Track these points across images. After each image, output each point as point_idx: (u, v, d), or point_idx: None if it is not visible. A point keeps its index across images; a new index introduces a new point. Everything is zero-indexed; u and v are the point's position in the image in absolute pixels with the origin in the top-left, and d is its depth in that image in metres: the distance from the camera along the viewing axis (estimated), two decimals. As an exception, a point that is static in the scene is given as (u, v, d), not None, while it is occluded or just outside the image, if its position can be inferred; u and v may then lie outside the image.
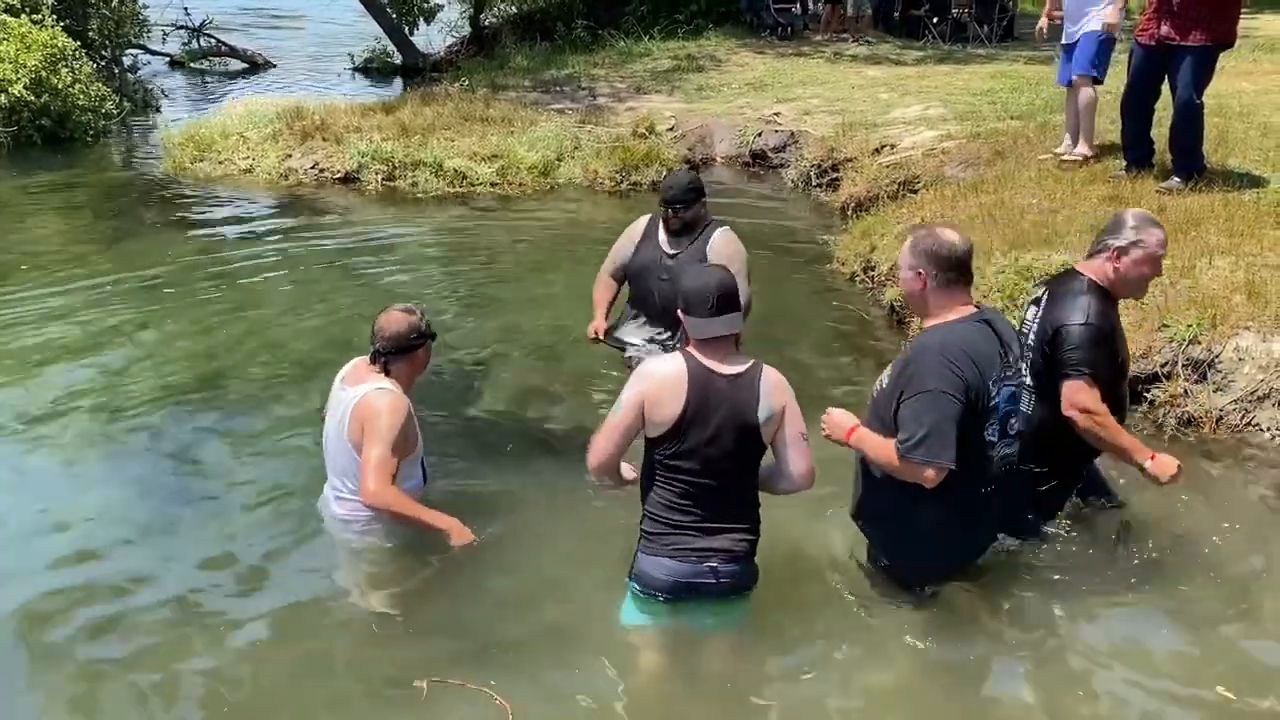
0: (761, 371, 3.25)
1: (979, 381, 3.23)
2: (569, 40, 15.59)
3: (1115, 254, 3.73)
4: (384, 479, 3.62)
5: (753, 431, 3.21)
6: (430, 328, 3.90)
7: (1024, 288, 5.69)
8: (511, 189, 9.72)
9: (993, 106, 10.23)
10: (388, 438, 3.64)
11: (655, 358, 3.35)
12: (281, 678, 3.46)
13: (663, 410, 3.18)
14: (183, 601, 3.77)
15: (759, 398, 3.19)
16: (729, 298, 3.24)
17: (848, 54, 14.32)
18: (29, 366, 5.77)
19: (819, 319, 6.56)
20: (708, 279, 3.28)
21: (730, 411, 3.18)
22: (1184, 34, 6.54)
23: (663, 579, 3.32)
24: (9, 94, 11.41)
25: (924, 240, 3.38)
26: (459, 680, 3.28)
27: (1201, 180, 6.77)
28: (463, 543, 3.73)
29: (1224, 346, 4.97)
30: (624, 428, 3.25)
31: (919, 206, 7.45)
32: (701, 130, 11.06)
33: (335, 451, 3.85)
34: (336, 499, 3.90)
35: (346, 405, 3.75)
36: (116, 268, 7.48)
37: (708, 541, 3.28)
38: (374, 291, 6.98)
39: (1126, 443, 3.71)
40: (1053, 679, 3.44)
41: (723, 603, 3.41)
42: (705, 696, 3.38)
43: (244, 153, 10.49)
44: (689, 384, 3.17)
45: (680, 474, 3.24)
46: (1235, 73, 10.03)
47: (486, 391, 5.48)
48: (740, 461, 3.26)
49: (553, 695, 3.33)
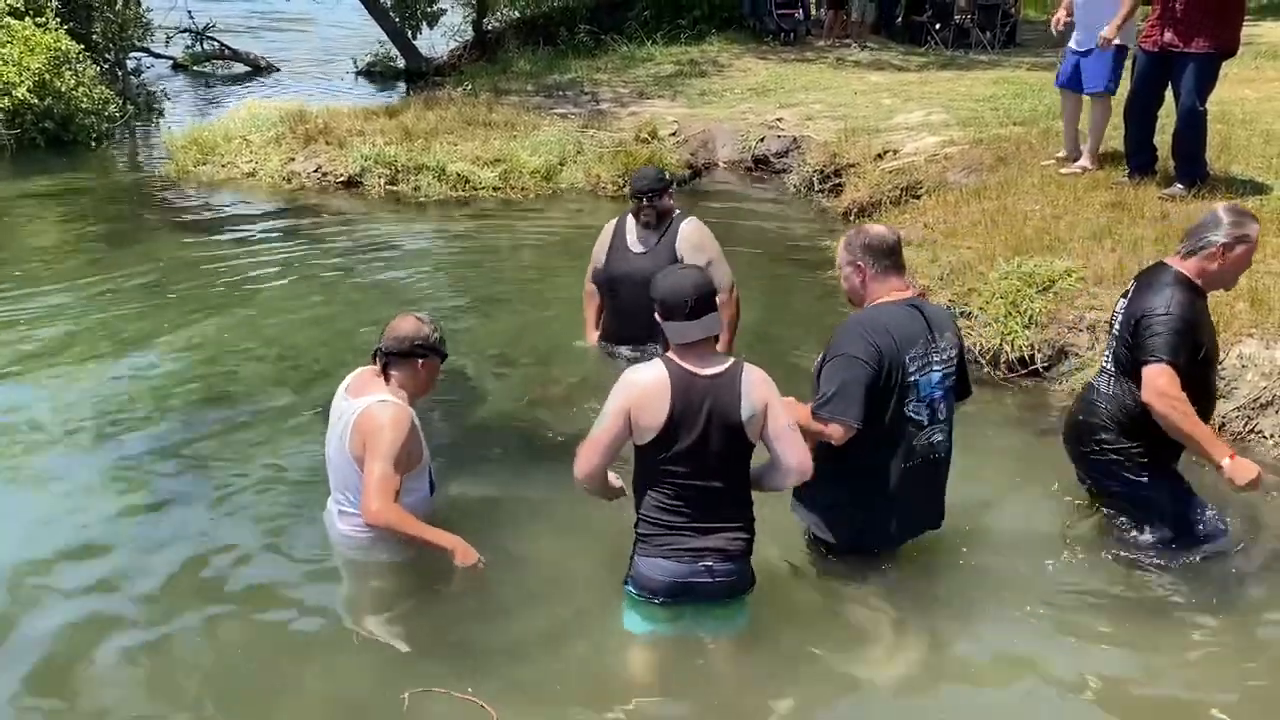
0: (742, 370, 3.27)
1: (895, 354, 3.48)
2: (572, 45, 15.60)
3: (1220, 250, 3.78)
4: (386, 497, 3.53)
5: (737, 430, 3.24)
6: (440, 345, 3.79)
7: (1026, 293, 5.70)
8: (514, 193, 9.73)
9: (995, 112, 10.23)
10: (390, 453, 3.55)
11: (635, 367, 3.38)
12: (268, 687, 3.43)
13: (648, 418, 3.20)
14: (173, 606, 3.76)
15: (740, 396, 3.22)
16: (705, 300, 3.26)
17: (850, 59, 14.32)
18: (31, 367, 5.77)
19: (820, 324, 6.51)
20: (683, 282, 3.28)
21: (714, 412, 3.21)
22: (1187, 41, 6.54)
23: (659, 580, 3.34)
24: (13, 97, 11.44)
25: (856, 237, 3.72)
26: (444, 689, 3.26)
27: (1204, 187, 6.77)
28: (467, 563, 3.61)
29: (1227, 354, 4.96)
30: (609, 439, 3.27)
31: (921, 212, 7.45)
32: (704, 135, 11.06)
33: (337, 464, 3.77)
34: (340, 514, 3.84)
35: (349, 417, 3.67)
36: (119, 270, 7.49)
37: (702, 541, 3.30)
38: (376, 295, 6.99)
39: (1203, 434, 3.71)
40: (1060, 683, 3.44)
41: (722, 605, 3.42)
42: (701, 705, 3.37)
43: (247, 156, 10.50)
44: (672, 389, 3.19)
45: (671, 477, 3.27)
46: (1238, 80, 10.03)
47: (487, 396, 5.48)
48: (729, 461, 3.29)
49: (541, 704, 3.32)
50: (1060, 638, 3.63)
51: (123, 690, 3.39)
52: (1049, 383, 5.46)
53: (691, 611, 3.42)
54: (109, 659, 3.51)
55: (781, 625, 3.62)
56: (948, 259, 6.33)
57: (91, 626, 3.66)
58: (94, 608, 3.77)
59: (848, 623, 3.73)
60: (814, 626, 3.66)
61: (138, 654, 3.54)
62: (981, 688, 3.46)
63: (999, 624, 3.69)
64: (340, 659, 3.54)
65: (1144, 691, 3.43)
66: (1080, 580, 3.90)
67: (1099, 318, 5.44)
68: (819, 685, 3.44)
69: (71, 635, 3.61)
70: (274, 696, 3.40)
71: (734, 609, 3.46)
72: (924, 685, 3.48)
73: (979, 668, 3.53)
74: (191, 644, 3.59)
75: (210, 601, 3.79)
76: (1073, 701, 3.38)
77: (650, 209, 4.91)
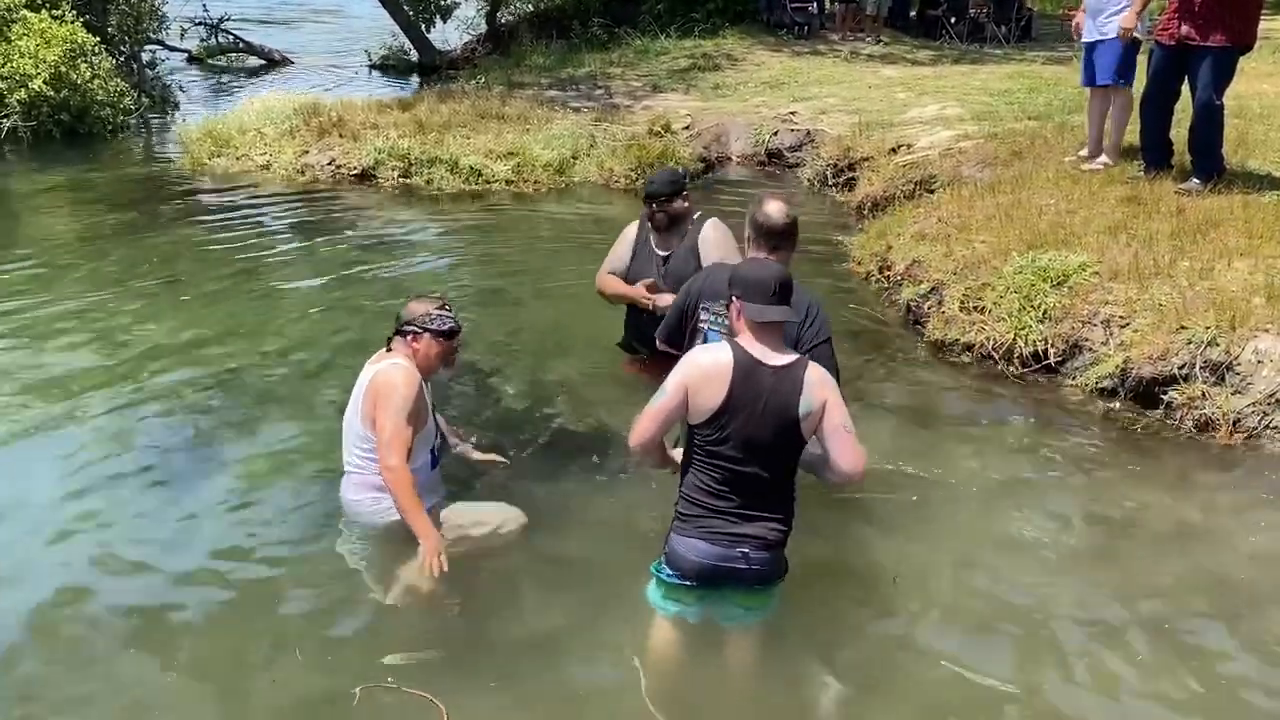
0: (806, 366, 3.27)
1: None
2: (585, 38, 15.58)
3: None
4: (401, 453, 3.70)
5: (793, 424, 3.23)
6: (432, 324, 3.93)
7: (1040, 288, 5.67)
8: (527, 186, 9.73)
9: (1010, 107, 10.18)
10: (402, 407, 3.74)
11: (703, 346, 3.43)
12: (236, 668, 3.47)
13: (705, 398, 3.23)
14: (183, 584, 3.83)
15: (801, 391, 3.22)
16: (787, 288, 3.32)
17: (864, 53, 14.29)
18: (43, 358, 5.80)
19: (834, 318, 6.35)
20: (770, 269, 3.37)
21: (772, 403, 3.21)
22: (1204, 35, 6.49)
23: (693, 560, 3.33)
24: (29, 89, 11.50)
25: (753, 209, 3.99)
26: (395, 683, 3.28)
27: (1221, 182, 6.72)
28: (429, 561, 3.62)
29: (1242, 349, 4.93)
30: (667, 411, 3.30)
31: (935, 206, 7.42)
32: (717, 129, 11.04)
33: (348, 425, 3.97)
34: (345, 476, 3.99)
35: (363, 383, 3.90)
36: (133, 261, 7.52)
37: (742, 528, 3.30)
38: (388, 287, 7.00)
39: None
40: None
41: (751, 593, 3.41)
42: (711, 693, 3.39)
43: (261, 149, 10.54)
44: (733, 373, 3.21)
45: (719, 460, 3.28)
46: (1256, 74, 9.96)
47: (497, 388, 5.48)
48: (779, 453, 3.29)
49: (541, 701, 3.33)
50: (1068, 642, 3.61)
51: (89, 687, 3.37)
52: (1063, 377, 5.44)
53: (717, 597, 3.41)
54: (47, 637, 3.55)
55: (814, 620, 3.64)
56: (961, 253, 6.31)
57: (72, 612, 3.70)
58: (83, 591, 3.81)
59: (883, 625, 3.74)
60: (849, 622, 3.68)
61: (120, 643, 3.56)
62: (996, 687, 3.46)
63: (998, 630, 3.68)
64: (278, 658, 3.52)
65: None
66: (1093, 566, 3.89)
67: (1113, 313, 5.42)
68: (845, 681, 3.44)
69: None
70: (239, 684, 3.40)
71: (763, 597, 3.46)
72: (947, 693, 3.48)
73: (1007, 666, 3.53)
74: (181, 623, 3.64)
75: (203, 589, 3.83)
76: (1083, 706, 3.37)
77: (662, 214, 4.81)
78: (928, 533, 4.19)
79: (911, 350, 5.99)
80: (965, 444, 4.93)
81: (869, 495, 4.36)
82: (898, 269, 6.72)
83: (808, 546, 3.71)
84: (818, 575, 3.82)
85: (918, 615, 3.74)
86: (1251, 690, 3.36)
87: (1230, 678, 3.42)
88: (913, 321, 6.29)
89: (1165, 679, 3.42)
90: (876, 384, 5.54)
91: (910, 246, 6.79)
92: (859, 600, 3.81)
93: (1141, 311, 5.34)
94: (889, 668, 3.51)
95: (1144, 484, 4.56)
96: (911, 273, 6.55)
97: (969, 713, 3.33)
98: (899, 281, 6.63)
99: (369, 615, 3.74)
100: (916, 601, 3.79)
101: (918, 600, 3.80)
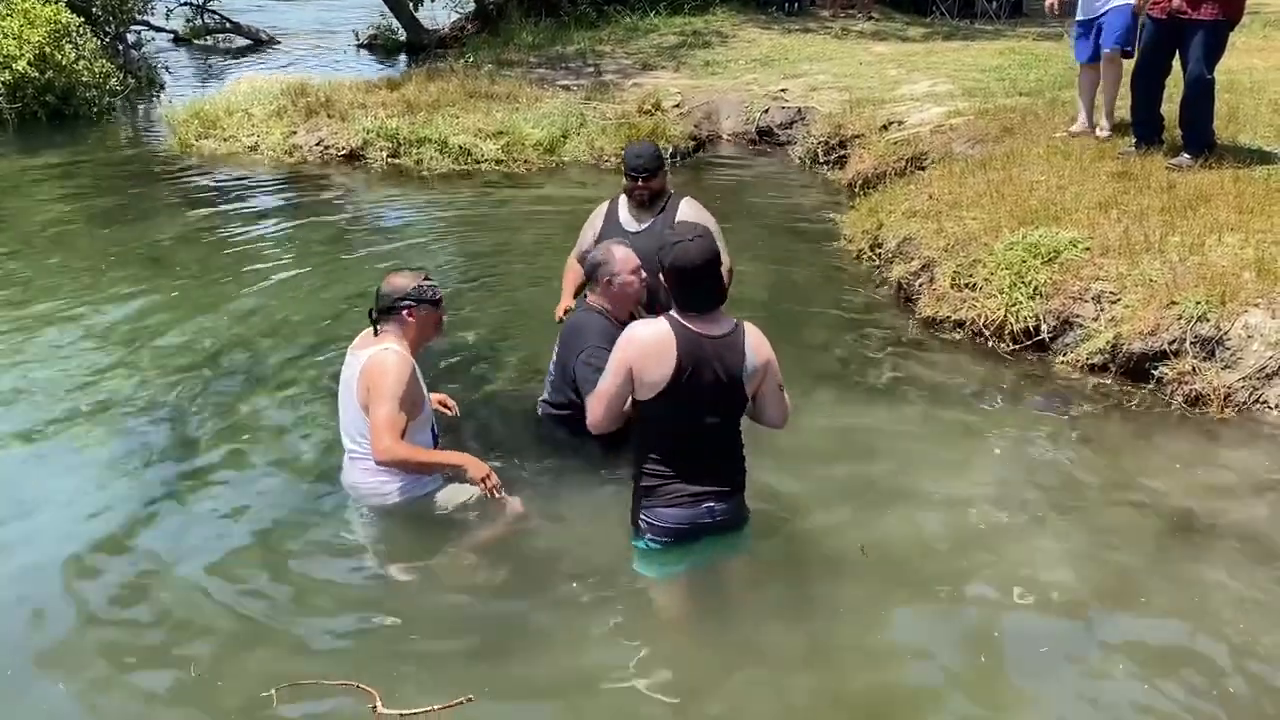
0: (745, 328, 3.43)
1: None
2: (575, 16, 15.47)
3: None
4: (394, 435, 3.71)
5: (739, 387, 3.42)
6: (426, 294, 3.92)
7: (1032, 264, 5.67)
8: (517, 166, 9.68)
9: (1001, 83, 10.15)
10: (394, 393, 3.72)
11: (638, 323, 3.46)
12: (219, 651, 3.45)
13: (652, 374, 3.34)
14: (183, 581, 3.79)
15: (745, 354, 3.39)
16: (713, 266, 3.36)
17: (855, 30, 14.22)
18: (33, 343, 5.76)
19: (825, 296, 6.53)
20: (691, 250, 3.34)
21: (719, 370, 3.35)
22: (1196, 7, 6.46)
23: (668, 527, 3.53)
24: (13, 70, 11.39)
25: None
26: (319, 679, 3.19)
27: (1211, 157, 6.72)
28: (480, 475, 3.81)
29: (1233, 324, 4.94)
30: (613, 392, 3.43)
31: (927, 183, 7.40)
32: (708, 106, 11.00)
33: (347, 412, 3.95)
34: (350, 459, 3.98)
35: (354, 369, 3.87)
36: (121, 244, 7.48)
37: (704, 484, 3.49)
38: (379, 268, 6.95)
39: None
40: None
41: (725, 537, 3.64)
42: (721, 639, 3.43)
43: (249, 130, 10.47)
44: (678, 347, 3.30)
45: (671, 428, 3.44)
46: (1246, 49, 9.94)
47: (488, 370, 5.47)
48: (728, 413, 3.49)
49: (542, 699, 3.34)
50: (1070, 621, 3.63)
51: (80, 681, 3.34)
52: (1054, 354, 5.44)
53: (697, 547, 3.60)
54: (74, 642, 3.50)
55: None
56: (953, 230, 6.29)
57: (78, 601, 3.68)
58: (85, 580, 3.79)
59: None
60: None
61: (118, 637, 3.54)
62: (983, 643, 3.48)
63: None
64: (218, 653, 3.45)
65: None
66: (1090, 539, 3.90)
67: (1104, 288, 5.41)
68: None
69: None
70: (219, 665, 3.37)
71: (737, 537, 3.69)
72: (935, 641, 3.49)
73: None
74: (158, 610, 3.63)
75: (204, 572, 3.82)
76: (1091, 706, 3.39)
77: (645, 189, 4.79)
78: (909, 506, 4.19)
79: (903, 328, 5.99)
80: (955, 420, 4.93)
81: (853, 468, 4.40)
82: (889, 246, 6.71)
83: (792, 520, 3.84)
84: (795, 543, 3.90)
85: (889, 586, 3.74)
86: (1240, 657, 3.38)
87: (1211, 647, 3.42)
88: (904, 299, 6.28)
89: (1140, 651, 3.43)
90: (867, 361, 5.54)
91: (901, 224, 6.77)
92: (830, 569, 3.81)
93: (1132, 287, 5.34)
94: (852, 638, 3.51)
95: (1134, 458, 4.59)
96: (903, 250, 6.54)
97: (933, 686, 3.33)
98: (890, 259, 6.61)
99: (387, 600, 3.71)
100: (888, 573, 3.79)
101: (890, 572, 3.80)
